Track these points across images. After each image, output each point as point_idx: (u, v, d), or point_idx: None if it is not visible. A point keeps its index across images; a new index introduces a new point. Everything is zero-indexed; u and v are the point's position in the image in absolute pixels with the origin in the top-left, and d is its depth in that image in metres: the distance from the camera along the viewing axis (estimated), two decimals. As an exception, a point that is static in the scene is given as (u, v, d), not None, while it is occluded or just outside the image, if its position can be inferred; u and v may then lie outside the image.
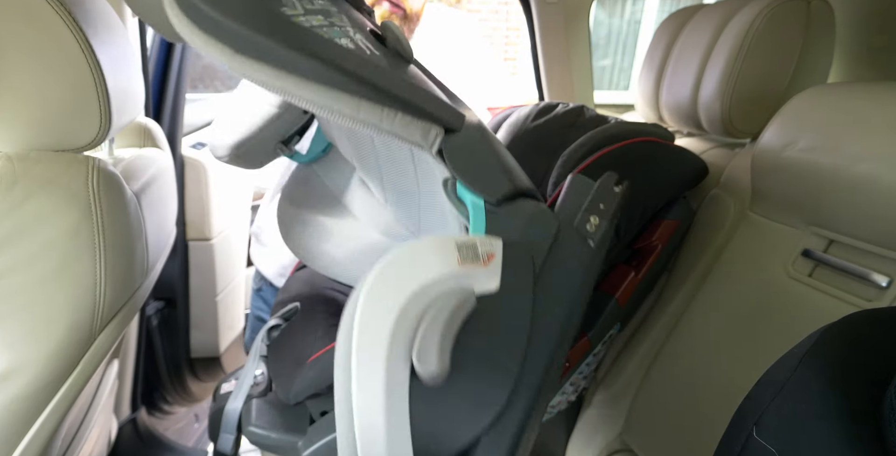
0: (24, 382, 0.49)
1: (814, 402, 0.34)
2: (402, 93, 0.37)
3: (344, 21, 0.41)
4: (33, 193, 0.48)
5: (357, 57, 0.37)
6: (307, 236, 0.78)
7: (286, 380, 0.69)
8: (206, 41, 0.32)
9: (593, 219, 0.45)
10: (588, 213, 0.45)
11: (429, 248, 0.37)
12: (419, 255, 0.36)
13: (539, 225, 0.42)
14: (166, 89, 1.13)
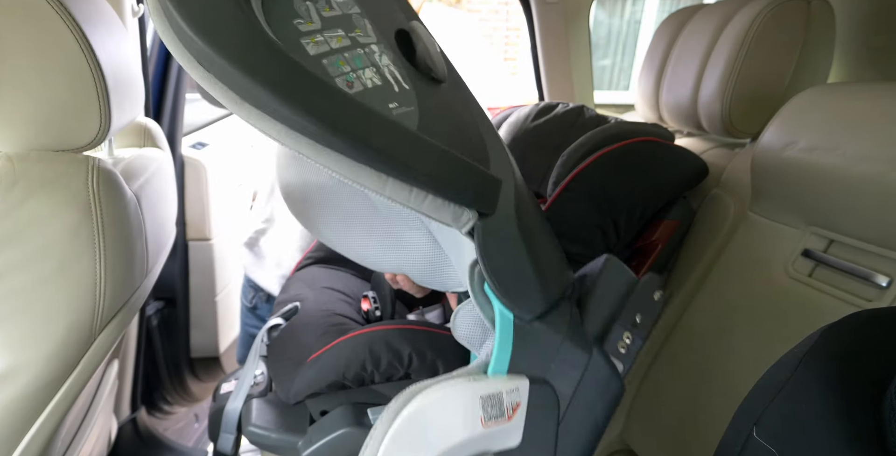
0: (24, 382, 0.49)
1: (814, 402, 0.34)
2: (433, 170, 0.33)
3: (368, 31, 0.37)
4: (33, 193, 0.48)
5: (383, 119, 0.32)
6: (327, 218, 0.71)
7: (286, 379, 0.69)
8: (210, 82, 0.28)
9: (626, 337, 0.41)
10: (622, 328, 0.40)
11: (452, 404, 0.34)
12: (442, 413, 0.33)
13: (570, 354, 0.38)
14: (166, 89, 1.13)
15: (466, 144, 0.39)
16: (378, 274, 0.84)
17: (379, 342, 0.66)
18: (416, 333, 0.67)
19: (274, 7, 0.32)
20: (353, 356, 0.66)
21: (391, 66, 0.36)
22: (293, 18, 0.32)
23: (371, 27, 0.37)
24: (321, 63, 0.32)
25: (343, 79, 0.33)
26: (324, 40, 0.33)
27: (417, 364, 0.66)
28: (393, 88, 0.35)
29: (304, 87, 0.28)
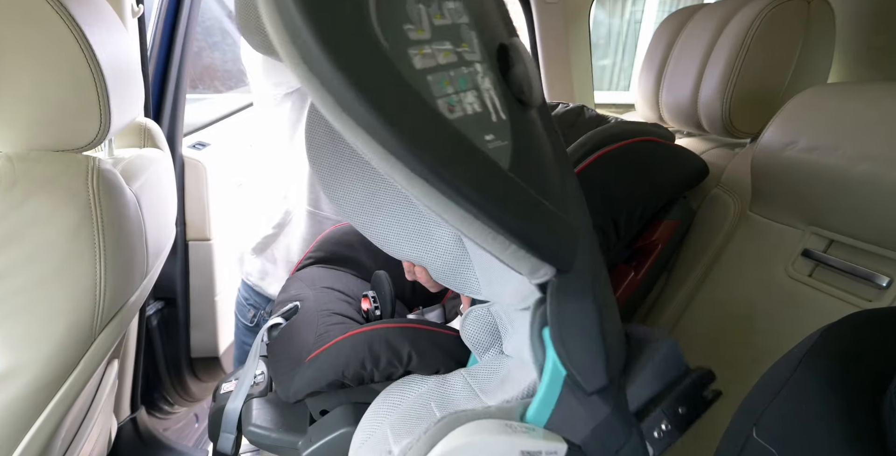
0: (24, 382, 0.49)
1: (814, 402, 0.34)
2: (524, 221, 0.32)
3: (474, 47, 0.34)
4: (33, 193, 0.48)
5: (482, 156, 0.30)
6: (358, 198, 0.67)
7: (286, 378, 0.69)
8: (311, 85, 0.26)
9: (665, 425, 0.39)
10: (664, 414, 0.39)
11: (490, 452, 0.33)
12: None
13: (612, 430, 0.37)
14: (166, 89, 1.13)
15: (551, 189, 0.37)
16: (378, 274, 0.84)
17: (379, 341, 0.66)
18: (416, 331, 0.67)
19: (387, 6, 0.30)
20: (353, 355, 0.66)
21: (491, 91, 0.34)
22: (404, 23, 0.30)
23: (477, 41, 0.35)
24: (426, 80, 0.30)
25: (445, 101, 0.31)
26: (431, 53, 0.31)
27: (417, 363, 0.66)
28: (491, 117, 0.33)
29: (409, 109, 0.27)
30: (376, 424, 0.63)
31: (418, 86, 0.29)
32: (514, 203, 0.31)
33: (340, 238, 0.95)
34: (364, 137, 0.27)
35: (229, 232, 1.42)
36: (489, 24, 0.37)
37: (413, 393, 0.65)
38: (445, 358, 0.67)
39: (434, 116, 0.29)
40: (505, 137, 0.34)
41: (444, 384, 0.65)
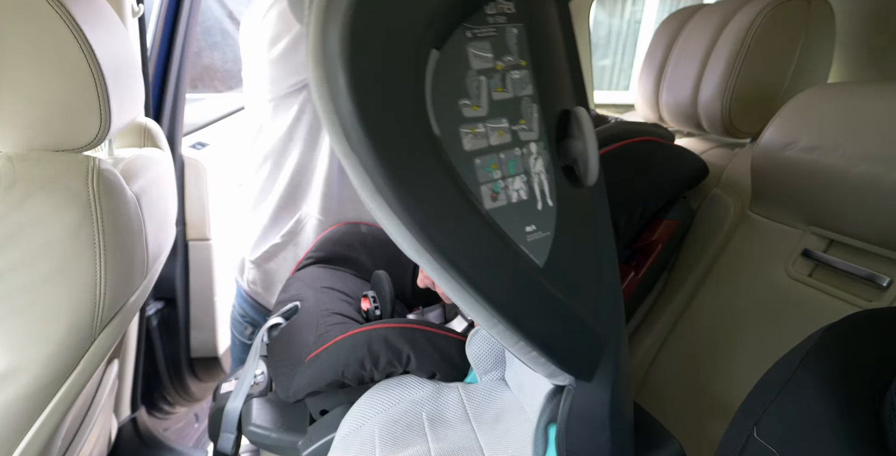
0: (24, 382, 0.49)
1: (814, 402, 0.34)
2: (546, 332, 0.30)
3: (532, 123, 0.32)
4: (33, 193, 0.48)
5: (512, 255, 0.29)
6: None
7: (285, 378, 0.69)
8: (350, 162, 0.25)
9: None
10: None
11: None
12: None
13: None
14: (166, 89, 1.13)
15: (585, 284, 0.35)
16: (378, 274, 0.84)
17: (378, 340, 0.66)
18: (416, 332, 0.67)
19: (445, 76, 0.28)
20: (353, 354, 0.66)
21: (542, 174, 0.33)
22: (460, 97, 0.29)
23: (538, 116, 0.33)
24: (473, 163, 0.29)
25: (490, 187, 0.30)
26: (484, 133, 0.30)
27: (416, 364, 0.66)
28: (536, 206, 0.32)
29: (446, 204, 0.26)
30: (365, 418, 0.63)
31: (463, 171, 0.28)
32: (540, 311, 0.30)
33: (340, 238, 0.95)
34: (395, 223, 0.26)
35: (229, 232, 1.42)
36: (557, 90, 0.34)
37: (407, 398, 0.65)
38: (443, 361, 0.67)
39: (471, 212, 0.27)
40: (548, 228, 0.32)
41: (440, 397, 0.65)
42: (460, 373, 0.68)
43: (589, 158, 0.33)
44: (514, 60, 0.31)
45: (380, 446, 0.58)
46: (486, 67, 0.30)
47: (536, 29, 0.32)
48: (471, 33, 0.29)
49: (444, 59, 0.27)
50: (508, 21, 0.31)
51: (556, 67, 0.34)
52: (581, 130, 0.33)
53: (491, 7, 0.30)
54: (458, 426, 0.59)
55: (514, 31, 0.31)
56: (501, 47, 0.31)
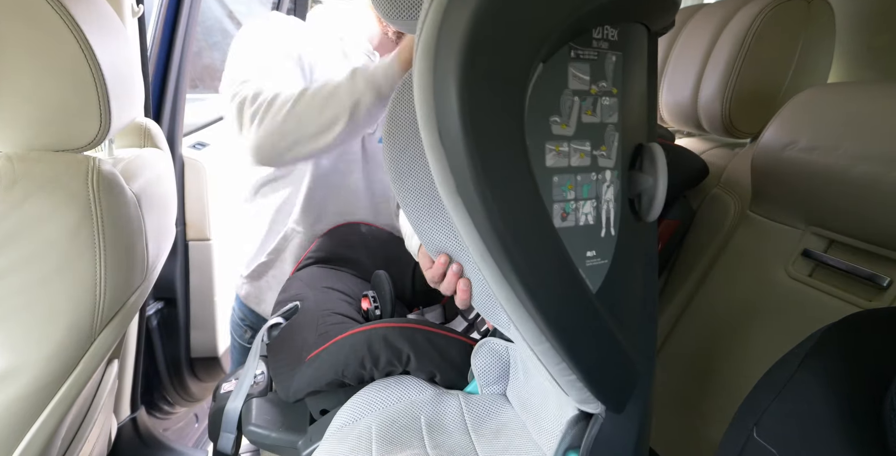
0: (24, 382, 0.49)
1: (815, 402, 0.34)
2: (590, 356, 0.31)
3: (612, 151, 0.32)
4: (33, 193, 0.48)
5: (572, 277, 0.29)
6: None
7: (286, 377, 0.70)
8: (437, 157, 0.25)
9: None
10: None
11: None
12: None
13: None
14: (166, 89, 1.13)
15: (630, 314, 0.36)
16: (378, 274, 0.84)
17: (378, 340, 0.66)
18: (415, 331, 0.67)
19: (543, 90, 0.28)
20: (352, 354, 0.66)
21: (611, 203, 0.33)
22: (552, 114, 0.29)
23: (617, 145, 0.33)
24: (551, 180, 0.30)
25: (561, 206, 0.30)
26: (567, 152, 0.30)
27: (416, 364, 0.66)
28: (600, 232, 0.32)
29: (522, 211, 0.26)
30: (361, 413, 0.63)
31: (543, 184, 0.28)
32: (588, 335, 0.30)
33: (341, 238, 0.95)
34: (468, 225, 0.26)
35: (229, 232, 1.42)
36: (637, 122, 0.35)
37: (406, 398, 0.65)
38: (443, 361, 0.67)
39: (545, 226, 0.27)
40: (606, 256, 0.32)
41: (439, 402, 0.65)
42: (460, 374, 0.68)
43: (656, 196, 0.34)
44: (607, 87, 0.32)
45: (377, 443, 0.58)
46: (582, 89, 0.30)
47: (631, 60, 0.32)
48: (575, 53, 0.30)
49: (546, 73, 0.27)
50: (610, 48, 0.31)
51: (640, 100, 0.34)
52: (654, 167, 0.34)
53: (598, 31, 0.30)
54: (455, 435, 0.59)
55: (613, 59, 0.31)
56: (599, 72, 0.31)
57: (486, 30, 0.24)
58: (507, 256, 0.27)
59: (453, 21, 0.25)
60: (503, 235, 0.26)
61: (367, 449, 0.57)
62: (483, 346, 0.66)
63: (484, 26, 0.24)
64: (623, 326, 0.34)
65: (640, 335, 0.37)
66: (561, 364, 0.31)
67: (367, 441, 0.59)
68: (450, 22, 0.25)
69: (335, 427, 0.63)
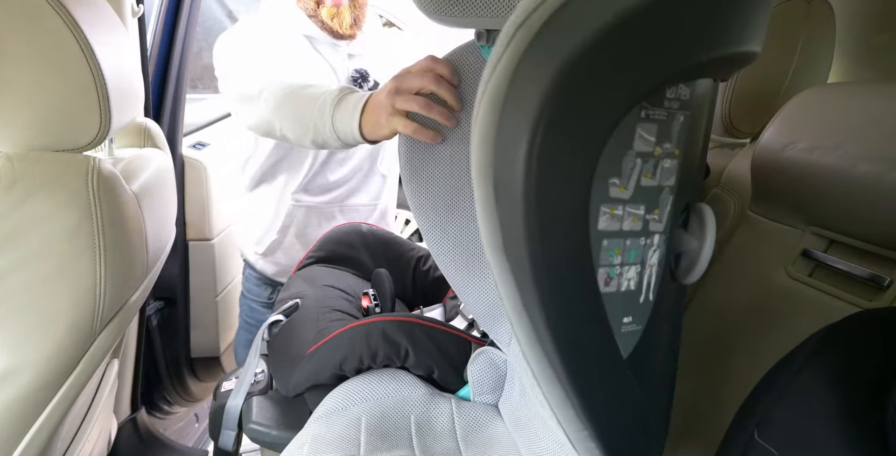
0: (24, 382, 0.49)
1: (817, 403, 0.34)
2: (611, 419, 0.30)
3: (664, 215, 0.31)
4: (33, 193, 0.48)
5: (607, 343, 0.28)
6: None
7: (285, 373, 0.70)
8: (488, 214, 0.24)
9: None
10: None
11: None
12: None
13: None
14: (166, 89, 1.13)
15: (652, 378, 0.35)
16: (379, 272, 0.84)
17: (376, 333, 0.66)
18: (414, 325, 0.67)
19: (607, 151, 0.26)
20: (351, 348, 0.66)
21: (654, 268, 0.32)
22: (612, 175, 0.28)
23: (670, 208, 0.32)
24: (600, 243, 0.28)
25: (606, 271, 0.29)
26: (620, 216, 0.29)
27: (414, 359, 0.66)
28: (639, 298, 0.31)
29: (569, 274, 0.25)
30: (351, 401, 0.63)
31: (594, 247, 0.28)
32: (616, 406, 0.29)
33: (341, 238, 0.95)
34: (509, 282, 0.26)
35: (229, 232, 1.42)
36: (691, 182, 0.33)
37: (400, 394, 0.65)
38: (441, 357, 0.67)
39: (590, 291, 0.26)
40: (641, 322, 0.32)
41: (431, 404, 0.64)
42: (458, 372, 0.68)
43: (699, 260, 0.32)
44: (671, 148, 0.30)
45: (365, 436, 0.58)
46: (646, 151, 0.29)
47: (698, 118, 0.31)
48: (645, 113, 0.28)
49: (615, 132, 0.25)
50: (680, 107, 0.29)
51: (697, 160, 0.33)
52: (702, 230, 0.32)
53: (672, 91, 0.29)
54: (444, 441, 0.59)
55: (681, 119, 0.30)
56: (665, 133, 0.29)
57: (570, 85, 0.22)
58: (546, 322, 0.26)
59: (532, 70, 0.23)
60: (547, 302, 0.26)
61: (356, 440, 0.57)
62: (481, 354, 0.66)
63: (568, 80, 0.22)
64: (649, 392, 0.34)
65: (658, 395, 0.37)
66: (584, 432, 0.30)
67: (356, 431, 0.58)
68: (528, 70, 0.23)
69: (323, 411, 0.63)
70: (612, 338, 0.29)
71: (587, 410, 0.29)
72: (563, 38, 0.22)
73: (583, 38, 0.22)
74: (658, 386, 0.36)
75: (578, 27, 0.22)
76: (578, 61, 0.22)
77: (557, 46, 0.22)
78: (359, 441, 0.57)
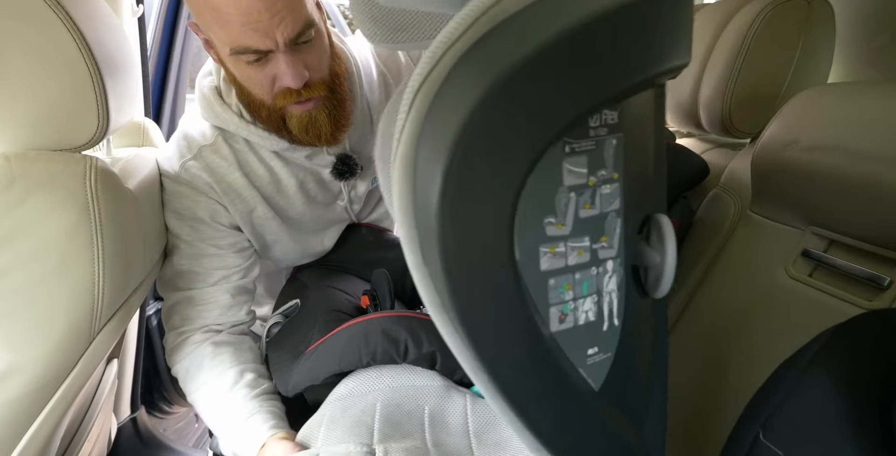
0: (23, 382, 0.49)
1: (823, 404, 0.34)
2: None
3: (614, 240, 0.30)
4: (31, 193, 0.48)
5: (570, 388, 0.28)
6: None
7: (284, 372, 0.70)
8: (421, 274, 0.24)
9: None
10: None
11: None
12: None
13: None
14: (166, 89, 1.13)
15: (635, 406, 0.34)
16: (378, 272, 0.84)
17: (374, 330, 0.66)
18: (412, 319, 0.67)
19: (535, 193, 0.26)
20: (349, 345, 0.66)
21: (613, 293, 0.31)
22: (546, 215, 0.27)
23: (619, 231, 0.30)
24: (546, 283, 0.28)
25: (559, 309, 0.28)
26: (563, 252, 0.28)
27: (414, 353, 0.65)
28: (602, 327, 0.30)
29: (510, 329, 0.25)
30: (370, 387, 0.64)
31: (535, 291, 0.27)
32: (592, 442, 0.29)
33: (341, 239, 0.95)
34: (456, 340, 0.25)
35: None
36: (643, 198, 0.32)
37: (416, 383, 0.65)
38: (442, 345, 0.66)
39: (536, 337, 0.26)
40: (609, 349, 0.31)
41: (447, 397, 0.64)
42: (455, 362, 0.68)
43: (664, 274, 0.31)
44: (607, 174, 0.28)
45: (379, 423, 0.58)
46: (579, 184, 0.27)
47: (636, 134, 0.29)
48: (570, 148, 0.26)
49: (537, 174, 0.24)
50: (609, 132, 0.28)
51: (646, 173, 0.31)
52: (662, 243, 0.31)
53: (595, 119, 0.27)
54: (456, 436, 0.59)
55: (614, 142, 0.28)
56: (597, 161, 0.28)
57: (482, 131, 0.21)
58: (496, 378, 0.26)
59: (445, 115, 0.22)
60: (492, 355, 0.25)
61: (369, 427, 0.57)
62: None
63: (479, 126, 0.21)
64: (628, 416, 0.33)
65: (649, 425, 0.36)
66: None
67: (371, 418, 0.58)
68: (440, 117, 0.22)
69: (340, 394, 0.63)
70: (575, 376, 0.28)
71: (562, 452, 0.29)
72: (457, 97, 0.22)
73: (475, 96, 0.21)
74: (644, 405, 0.35)
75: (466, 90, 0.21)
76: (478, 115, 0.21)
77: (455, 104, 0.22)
78: (372, 428, 0.57)
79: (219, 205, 0.73)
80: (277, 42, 0.59)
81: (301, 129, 0.68)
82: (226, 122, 0.71)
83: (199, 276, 0.73)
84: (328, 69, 0.68)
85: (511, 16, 0.21)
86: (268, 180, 0.75)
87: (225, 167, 0.72)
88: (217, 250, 0.73)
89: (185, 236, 0.72)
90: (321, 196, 0.81)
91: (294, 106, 0.65)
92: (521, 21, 0.21)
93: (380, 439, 0.55)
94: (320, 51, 0.65)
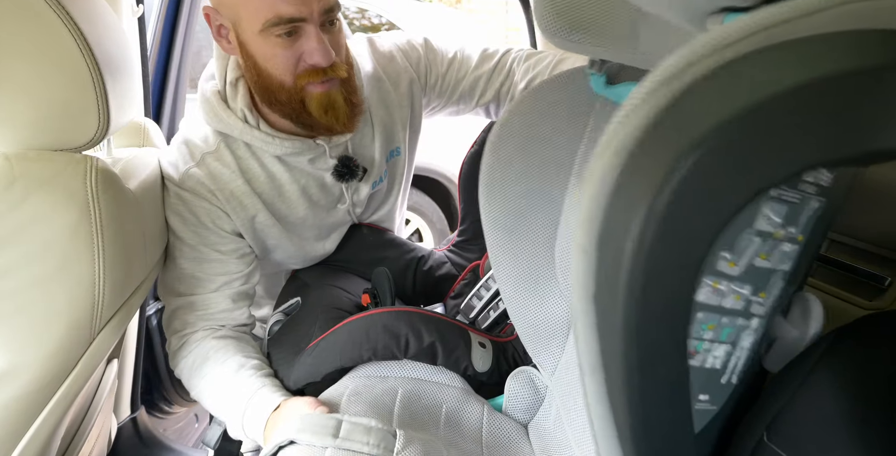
0: (23, 382, 0.49)
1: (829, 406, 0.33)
2: None
3: (770, 300, 0.29)
4: (32, 193, 0.48)
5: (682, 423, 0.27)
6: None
7: (286, 367, 0.70)
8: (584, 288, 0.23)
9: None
10: None
11: None
12: None
13: None
14: (166, 89, 1.13)
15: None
16: (379, 270, 0.84)
17: (375, 326, 0.66)
18: (412, 314, 0.67)
19: (731, 227, 0.24)
20: (350, 341, 0.66)
21: (745, 351, 0.31)
22: (724, 249, 0.26)
23: (778, 293, 0.30)
24: (696, 315, 0.27)
25: (693, 344, 0.28)
26: (723, 292, 0.27)
27: (415, 348, 0.65)
28: (721, 379, 0.30)
29: (658, 334, 0.24)
30: (393, 371, 0.65)
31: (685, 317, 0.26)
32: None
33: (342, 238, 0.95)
34: (590, 328, 0.24)
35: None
36: (804, 271, 0.31)
37: (438, 380, 0.66)
38: (441, 339, 0.67)
39: (678, 358, 0.25)
40: (717, 403, 0.30)
41: (465, 401, 0.64)
42: (457, 357, 0.67)
43: (793, 352, 0.31)
44: (794, 233, 0.28)
45: (399, 407, 0.58)
46: (766, 231, 0.27)
47: (833, 206, 0.28)
48: (776, 192, 0.26)
49: None
50: (817, 193, 0.27)
51: (816, 250, 0.31)
52: (805, 322, 0.30)
53: (811, 174, 0.26)
54: (469, 442, 0.59)
55: (815, 205, 0.27)
56: (793, 217, 0.27)
57: (700, 163, 0.20)
58: (624, 374, 0.25)
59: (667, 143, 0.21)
60: (628, 354, 0.24)
61: (389, 410, 0.57)
62: (522, 372, 0.66)
63: (700, 157, 0.20)
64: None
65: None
66: None
67: (391, 401, 0.59)
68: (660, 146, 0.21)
69: (363, 373, 0.64)
70: (688, 409, 0.28)
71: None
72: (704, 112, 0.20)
73: (726, 114, 0.20)
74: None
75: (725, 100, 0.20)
76: (715, 138, 0.20)
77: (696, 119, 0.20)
78: (392, 411, 0.57)
79: (221, 211, 0.73)
80: (313, 10, 0.61)
81: (321, 110, 0.68)
82: (230, 127, 0.71)
83: (200, 281, 0.73)
84: (345, 56, 0.70)
85: (777, 44, 0.20)
86: (270, 187, 0.76)
87: (227, 174, 0.73)
88: (219, 256, 0.74)
89: (189, 240, 0.72)
90: (324, 200, 0.82)
91: (315, 85, 0.66)
92: (786, 51, 0.20)
93: (399, 424, 0.56)
94: (342, 36, 0.68)
